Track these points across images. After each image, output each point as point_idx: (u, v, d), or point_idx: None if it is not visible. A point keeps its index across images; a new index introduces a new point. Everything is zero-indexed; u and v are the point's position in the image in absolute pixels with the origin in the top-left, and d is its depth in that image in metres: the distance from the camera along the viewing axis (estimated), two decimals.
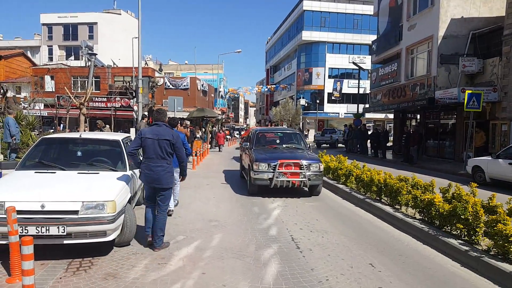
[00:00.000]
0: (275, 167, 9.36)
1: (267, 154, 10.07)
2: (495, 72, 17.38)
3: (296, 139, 12.08)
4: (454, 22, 19.68)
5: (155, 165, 5.54)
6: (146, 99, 24.84)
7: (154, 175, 5.52)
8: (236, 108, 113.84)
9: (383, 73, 27.10)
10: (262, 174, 9.45)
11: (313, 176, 9.57)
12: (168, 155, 5.65)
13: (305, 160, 9.62)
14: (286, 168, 9.44)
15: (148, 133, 5.62)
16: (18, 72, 40.98)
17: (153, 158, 5.56)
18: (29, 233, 4.50)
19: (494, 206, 5.71)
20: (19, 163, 6.06)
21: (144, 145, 5.60)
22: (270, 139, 11.98)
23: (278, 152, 10.58)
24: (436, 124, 22.90)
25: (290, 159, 9.69)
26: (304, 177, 9.44)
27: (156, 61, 68.93)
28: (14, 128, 12.66)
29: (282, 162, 9.43)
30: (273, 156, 9.81)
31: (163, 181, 5.55)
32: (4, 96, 19.82)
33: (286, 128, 23.07)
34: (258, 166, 9.46)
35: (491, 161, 12.47)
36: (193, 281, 4.47)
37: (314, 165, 9.70)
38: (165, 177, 5.56)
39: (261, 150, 10.72)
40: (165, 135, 5.62)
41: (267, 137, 12.05)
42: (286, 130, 14.08)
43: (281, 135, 12.29)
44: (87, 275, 4.56)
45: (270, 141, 11.82)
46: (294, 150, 10.99)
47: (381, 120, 49.83)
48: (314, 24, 54.31)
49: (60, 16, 52.90)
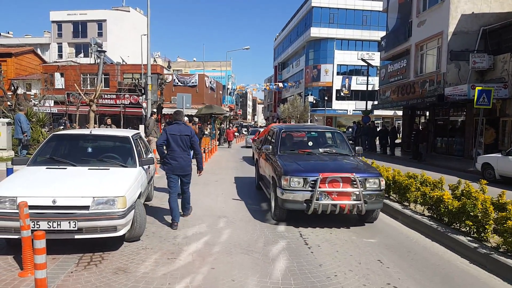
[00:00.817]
0: (315, 184, 6.39)
1: (300, 163, 7.09)
2: (505, 69, 17.19)
3: (336, 140, 9.17)
4: (464, 18, 19.49)
5: (179, 156, 6.76)
6: (155, 96, 24.98)
7: (178, 164, 6.75)
8: (244, 105, 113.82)
9: (392, 69, 26.94)
10: (295, 194, 6.46)
11: (371, 197, 6.57)
12: (188, 148, 6.93)
13: (359, 174, 6.64)
14: (331, 185, 6.44)
15: (172, 130, 6.82)
16: (28, 69, 41.35)
17: (176, 150, 6.76)
18: (40, 227, 4.57)
19: (504, 203, 5.69)
20: (30, 159, 6.13)
21: (169, 140, 6.76)
22: (299, 141, 9.25)
23: (315, 160, 7.66)
24: (445, 121, 22.74)
25: (337, 171, 6.61)
26: (358, 198, 6.45)
27: (164, 58, 69.05)
28: (25, 124, 12.81)
29: (326, 177, 6.41)
30: (310, 167, 6.92)
31: (186, 168, 6.86)
32: (14, 93, 20.03)
33: (320, 125, 17.89)
34: (289, 181, 6.52)
35: (501, 158, 12.37)
36: (202, 276, 4.51)
37: (371, 180, 6.69)
38: (187, 165, 6.87)
39: (291, 157, 7.68)
40: (185, 131, 6.88)
41: (294, 138, 9.33)
42: (321, 128, 10.61)
43: (315, 135, 9.40)
44: (98, 269, 4.62)
45: (299, 144, 9.02)
46: (337, 158, 7.92)
47: (389, 117, 49.64)
48: (322, 20, 54.11)
49: (70, 14, 53.28)
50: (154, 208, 7.89)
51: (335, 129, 9.81)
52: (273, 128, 9.82)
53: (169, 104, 36.17)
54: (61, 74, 39.58)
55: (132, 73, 38.66)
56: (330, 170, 6.69)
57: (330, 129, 9.78)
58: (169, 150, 6.84)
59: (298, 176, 6.58)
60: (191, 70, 62.71)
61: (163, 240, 5.77)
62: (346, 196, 6.48)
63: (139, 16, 57.01)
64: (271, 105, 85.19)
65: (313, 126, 11.37)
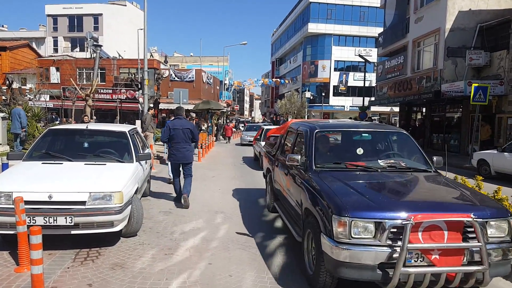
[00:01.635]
0: (399, 234, 3.54)
1: (363, 191, 4.18)
2: (502, 65, 17.24)
3: (401, 146, 5.85)
4: (461, 15, 19.50)
5: (182, 147, 7.71)
6: (152, 91, 24.84)
7: (181, 154, 7.70)
8: (241, 101, 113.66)
9: (389, 66, 26.95)
10: (361, 252, 3.57)
11: (497, 255, 3.68)
12: (190, 140, 7.82)
13: (478, 212, 3.69)
14: (427, 235, 3.54)
15: (175, 125, 7.72)
16: (24, 63, 41.08)
17: (180, 142, 7.69)
18: (36, 223, 4.54)
19: (500, 199, 5.69)
20: (26, 154, 6.09)
21: (173, 134, 7.66)
22: (342, 148, 5.88)
23: (385, 184, 4.73)
24: (442, 118, 22.78)
25: (438, 210, 3.73)
26: (476, 259, 3.59)
27: (161, 53, 68.83)
28: (25, 119, 12.65)
29: (420, 221, 3.50)
30: (386, 200, 4.05)
31: (188, 158, 7.83)
32: (9, 88, 19.89)
33: (372, 123, 11.24)
34: (350, 227, 3.63)
35: (496, 154, 12.42)
36: (199, 271, 4.50)
37: (496, 222, 3.77)
38: (189, 155, 7.86)
39: (337, 176, 4.65)
40: (186, 125, 7.83)
41: (331, 143, 6.10)
42: (375, 127, 6.63)
43: (367, 137, 6.04)
44: (95, 265, 4.61)
45: (343, 152, 5.70)
46: (418, 178, 4.87)
47: (386, 113, 49.62)
48: (320, 16, 53.94)
49: (65, 7, 52.87)
50: (151, 203, 7.87)
51: (398, 129, 6.20)
52: (295, 126, 6.46)
53: (166, 99, 36.08)
54: (57, 68, 39.35)
55: (129, 68, 38.49)
56: (425, 207, 3.79)
57: (390, 129, 6.26)
58: (173, 142, 7.71)
59: (367, 219, 3.60)
60: (188, 65, 62.52)
61: (160, 236, 5.76)
62: (455, 257, 3.51)
63: (135, 10, 56.71)
64: (268, 100, 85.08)
65: (361, 125, 6.52)
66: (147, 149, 8.34)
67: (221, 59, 59.37)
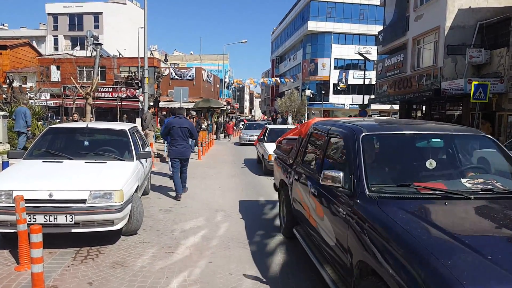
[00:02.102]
0: None
1: (479, 244, 2.27)
2: (502, 63, 17.21)
3: (487, 158, 4.41)
4: (461, 13, 19.46)
5: (179, 144, 8.22)
6: (152, 89, 24.86)
7: (178, 150, 8.20)
8: (241, 99, 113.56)
9: (389, 64, 26.91)
10: None
11: None
12: (187, 137, 8.36)
13: None
14: None
15: (174, 123, 8.25)
16: (24, 62, 41.02)
17: (177, 139, 8.18)
18: (37, 221, 4.54)
19: None
20: (26, 153, 6.09)
21: (171, 132, 8.18)
22: (402, 160, 3.88)
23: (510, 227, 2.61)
24: (442, 115, 22.74)
25: None
26: None
27: (161, 51, 68.75)
28: (30, 118, 12.68)
29: None
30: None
31: (184, 153, 8.35)
32: (10, 86, 19.89)
33: (440, 124, 4.73)
34: None
35: None
36: (199, 270, 4.51)
37: None
38: (185, 151, 8.38)
39: (416, 211, 2.84)
40: (184, 124, 8.34)
41: (389, 152, 4.00)
42: (448, 129, 4.32)
43: (438, 143, 4.14)
44: (95, 263, 4.62)
45: (406, 167, 3.78)
46: None
47: (386, 111, 49.60)
48: (320, 14, 53.89)
49: (66, 6, 52.76)
50: (151, 201, 7.88)
51: (478, 132, 4.47)
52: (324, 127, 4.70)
53: (166, 97, 36.05)
54: (57, 67, 39.30)
55: (129, 66, 38.43)
56: None
57: (469, 131, 4.43)
58: (172, 139, 8.24)
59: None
60: (188, 64, 62.44)
61: (160, 234, 5.77)
62: None
63: (136, 8, 56.61)
64: (268, 99, 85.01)
65: (424, 125, 4.45)
66: (147, 147, 8.35)
67: (221, 57, 59.26)
